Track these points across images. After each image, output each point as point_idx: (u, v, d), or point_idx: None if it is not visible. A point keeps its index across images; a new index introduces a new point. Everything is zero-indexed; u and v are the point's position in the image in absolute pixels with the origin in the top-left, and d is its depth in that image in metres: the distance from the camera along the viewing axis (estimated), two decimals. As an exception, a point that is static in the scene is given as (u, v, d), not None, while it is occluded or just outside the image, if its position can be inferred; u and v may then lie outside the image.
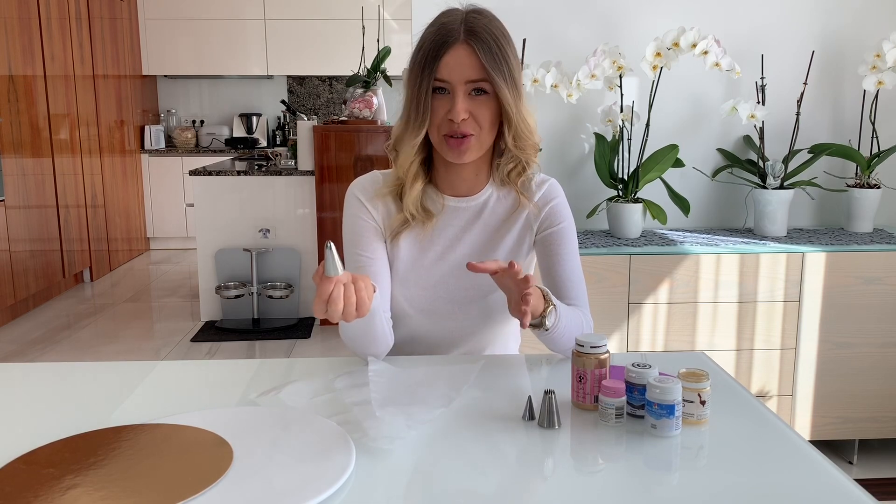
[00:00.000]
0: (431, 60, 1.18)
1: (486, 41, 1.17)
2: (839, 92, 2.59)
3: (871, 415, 2.37)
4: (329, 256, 0.97)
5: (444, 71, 1.18)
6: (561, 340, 1.21)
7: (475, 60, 1.17)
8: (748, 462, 0.91)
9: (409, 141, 1.23)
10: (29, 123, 4.31)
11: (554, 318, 1.17)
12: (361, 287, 1.01)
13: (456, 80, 1.18)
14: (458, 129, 1.19)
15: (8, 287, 4.04)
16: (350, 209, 1.32)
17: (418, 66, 1.20)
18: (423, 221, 1.29)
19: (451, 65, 1.17)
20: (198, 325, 4.05)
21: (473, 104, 1.19)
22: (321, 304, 0.98)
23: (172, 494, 0.81)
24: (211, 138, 6.36)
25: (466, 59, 1.17)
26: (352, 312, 1.00)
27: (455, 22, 1.19)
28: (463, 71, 1.18)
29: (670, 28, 2.27)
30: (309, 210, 4.04)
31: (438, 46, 1.18)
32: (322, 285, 0.98)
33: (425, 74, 1.19)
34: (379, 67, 3.81)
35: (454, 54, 1.17)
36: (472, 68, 1.17)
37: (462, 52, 1.17)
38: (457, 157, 1.23)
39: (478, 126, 1.21)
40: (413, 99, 1.21)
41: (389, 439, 0.94)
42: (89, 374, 1.26)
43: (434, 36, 1.19)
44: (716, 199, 2.64)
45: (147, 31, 5.99)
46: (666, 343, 2.30)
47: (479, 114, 1.20)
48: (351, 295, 0.99)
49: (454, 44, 1.17)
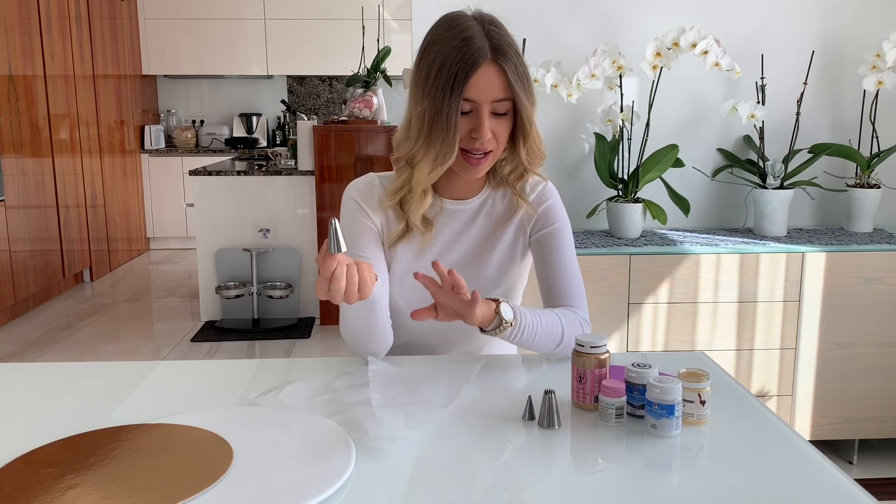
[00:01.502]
0: (461, 81, 1.15)
1: (512, 60, 1.17)
2: (839, 92, 2.59)
3: (871, 415, 2.37)
4: (333, 233, 0.97)
5: (472, 91, 1.16)
6: (536, 342, 1.21)
7: (503, 80, 1.16)
8: (748, 462, 0.91)
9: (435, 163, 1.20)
10: (29, 123, 4.31)
11: (511, 311, 1.17)
12: (364, 268, 1.02)
13: (483, 100, 1.17)
14: (480, 146, 1.19)
15: (8, 287, 4.04)
16: (347, 211, 1.31)
17: (445, 85, 1.15)
18: (423, 233, 1.29)
19: (480, 85, 1.16)
20: (198, 325, 4.05)
21: (494, 122, 1.19)
22: (324, 282, 0.99)
23: (172, 494, 0.81)
24: (211, 138, 6.36)
25: (495, 80, 1.16)
26: (354, 293, 1.00)
27: (478, 38, 1.16)
28: (491, 91, 1.17)
29: (670, 28, 2.27)
30: (309, 210, 4.04)
31: (468, 66, 1.14)
32: (325, 263, 0.98)
33: (455, 95, 1.15)
34: (379, 67, 3.81)
35: (483, 74, 1.15)
36: (500, 88, 1.17)
37: (491, 71, 1.16)
38: (474, 174, 1.23)
39: (496, 142, 1.21)
40: (437, 118, 1.17)
41: (389, 439, 0.94)
42: (89, 374, 1.26)
43: (460, 53, 1.15)
44: (716, 199, 2.64)
45: (147, 31, 5.99)
46: (666, 343, 2.30)
47: (498, 131, 1.20)
48: (353, 274, 1.00)
49: (483, 63, 1.15)
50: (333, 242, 0.97)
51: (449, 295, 1.12)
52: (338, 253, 0.98)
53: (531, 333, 1.19)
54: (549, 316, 1.23)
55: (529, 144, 1.24)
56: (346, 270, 0.99)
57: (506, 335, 1.18)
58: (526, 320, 1.18)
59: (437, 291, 1.13)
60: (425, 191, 1.25)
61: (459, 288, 1.10)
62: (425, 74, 1.18)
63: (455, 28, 1.18)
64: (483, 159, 1.21)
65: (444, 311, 1.15)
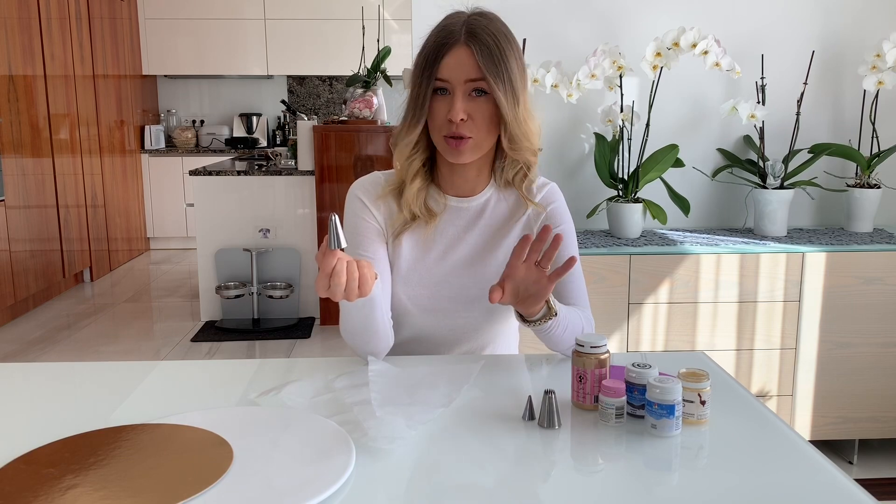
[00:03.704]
0: (433, 61, 1.20)
1: (486, 43, 1.19)
2: (839, 92, 2.59)
3: (871, 415, 2.37)
4: (332, 228, 0.97)
5: (444, 71, 1.19)
6: (564, 336, 1.22)
7: (473, 61, 1.19)
8: (748, 462, 0.91)
9: (405, 138, 1.25)
10: (29, 123, 4.31)
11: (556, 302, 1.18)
12: (364, 265, 1.02)
13: (455, 80, 1.19)
14: (456, 130, 1.20)
15: (8, 287, 4.04)
16: (351, 209, 1.32)
17: (420, 66, 1.22)
18: (426, 221, 1.29)
19: (451, 65, 1.19)
20: (198, 325, 4.05)
21: (473, 105, 1.20)
22: (324, 278, 0.99)
23: (172, 494, 0.81)
24: (211, 138, 6.36)
25: (466, 60, 1.19)
26: (354, 289, 1.00)
27: (457, 24, 1.21)
28: (462, 71, 1.19)
29: (670, 28, 2.27)
30: (309, 210, 4.04)
31: (440, 47, 1.20)
32: (325, 259, 0.99)
33: (426, 74, 1.21)
34: (379, 67, 3.81)
35: (454, 55, 1.19)
36: (471, 68, 1.19)
37: (462, 52, 1.19)
38: (456, 158, 1.24)
39: (475, 127, 1.21)
40: (413, 100, 1.23)
41: (389, 439, 0.94)
42: (89, 374, 1.26)
43: (436, 37, 1.21)
44: (716, 199, 2.63)
45: (147, 31, 5.99)
46: (666, 343, 2.30)
47: (477, 115, 1.20)
48: (354, 271, 1.00)
49: (455, 45, 1.19)
50: (333, 237, 0.97)
51: (531, 271, 1.12)
52: (337, 248, 0.98)
53: (564, 327, 1.20)
54: (575, 312, 1.25)
55: (510, 133, 1.22)
56: (346, 267, 0.99)
57: (546, 326, 1.18)
58: (562, 312, 1.20)
59: (515, 270, 1.12)
60: (415, 174, 1.28)
61: (547, 261, 1.10)
62: (413, 63, 1.25)
63: (445, 19, 1.24)
64: (462, 143, 1.21)
65: (512, 292, 1.14)
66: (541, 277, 1.11)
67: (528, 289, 1.13)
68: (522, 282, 1.13)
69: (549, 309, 1.16)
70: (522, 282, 1.13)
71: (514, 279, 1.13)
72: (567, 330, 1.21)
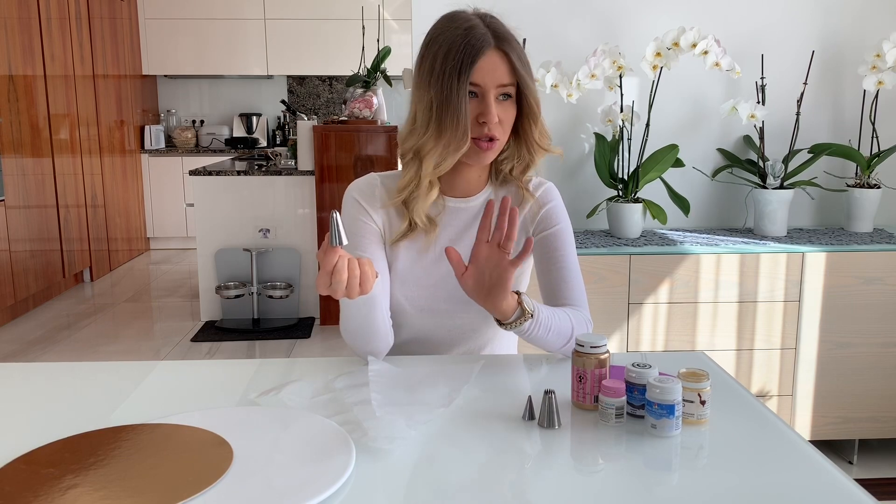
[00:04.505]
0: (467, 66, 1.17)
1: (515, 46, 1.21)
2: (839, 92, 2.59)
3: (871, 415, 2.37)
4: (334, 225, 0.97)
5: (478, 76, 1.18)
6: (549, 338, 1.21)
7: (508, 66, 1.19)
8: (748, 462, 0.91)
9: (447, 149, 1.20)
10: (29, 123, 4.31)
11: (531, 303, 1.17)
12: (365, 263, 1.02)
13: (489, 85, 1.19)
14: (488, 132, 1.20)
15: (8, 287, 4.04)
16: (349, 210, 1.32)
17: (451, 71, 1.17)
18: (427, 232, 1.29)
19: (486, 70, 1.18)
20: (198, 325, 4.05)
21: (500, 108, 1.21)
22: (325, 276, 0.99)
23: (172, 494, 0.81)
24: (211, 138, 6.36)
25: (500, 65, 1.19)
26: (355, 286, 1.01)
27: (480, 27, 1.19)
28: (496, 76, 1.19)
29: (670, 28, 2.27)
30: (309, 210, 4.04)
31: (474, 52, 1.17)
32: (327, 257, 0.99)
33: (462, 80, 1.17)
34: (379, 67, 3.81)
35: (488, 59, 1.18)
36: (505, 73, 1.20)
37: (495, 57, 1.19)
38: (483, 160, 1.24)
39: (503, 131, 1.23)
40: (444, 105, 1.18)
41: (389, 439, 0.94)
42: (89, 374, 1.26)
43: (465, 40, 1.17)
44: (716, 199, 2.64)
45: (147, 31, 5.99)
46: (666, 343, 2.30)
47: (504, 118, 1.22)
48: (355, 268, 1.00)
49: (487, 49, 1.18)
50: (335, 235, 0.98)
51: (493, 252, 1.12)
52: (339, 245, 0.98)
53: (546, 328, 1.19)
54: (560, 313, 1.23)
55: (540, 128, 1.27)
56: (346, 264, 0.99)
57: (524, 328, 1.17)
58: (543, 314, 1.19)
59: (478, 248, 1.13)
60: (431, 183, 1.26)
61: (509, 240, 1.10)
62: (430, 65, 1.20)
63: (457, 21, 1.22)
64: (492, 144, 1.22)
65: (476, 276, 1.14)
66: (502, 261, 1.11)
67: (491, 274, 1.13)
68: (486, 264, 1.13)
69: (522, 310, 1.16)
70: (486, 264, 1.13)
71: (477, 261, 1.14)
72: (551, 331, 1.20)
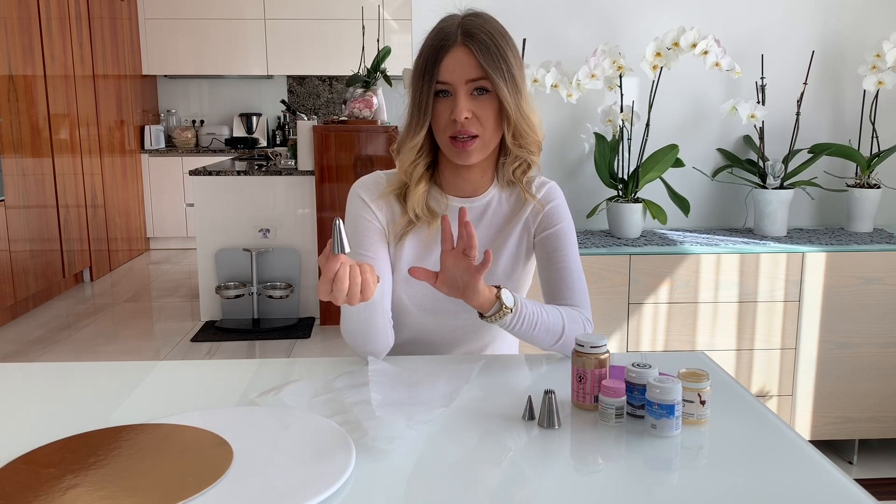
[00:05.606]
0: (432, 65, 1.20)
1: (483, 41, 1.20)
2: (839, 92, 2.59)
3: (871, 415, 2.37)
4: (336, 233, 0.98)
5: (444, 73, 1.20)
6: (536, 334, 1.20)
7: (473, 60, 1.19)
8: (748, 462, 0.91)
9: (409, 142, 1.26)
10: (29, 123, 4.31)
11: (512, 298, 1.17)
12: (366, 270, 1.03)
13: (457, 81, 1.20)
14: (462, 129, 1.20)
15: (8, 287, 4.04)
16: (353, 209, 1.32)
17: (419, 70, 1.23)
18: (429, 222, 1.29)
19: (451, 66, 1.20)
20: (198, 325, 4.05)
21: (476, 104, 1.21)
22: (327, 283, 0.99)
23: (172, 494, 0.81)
24: (211, 138, 6.36)
25: (465, 60, 1.20)
26: (356, 294, 1.01)
27: (452, 26, 1.22)
28: (462, 71, 1.20)
29: (670, 28, 2.27)
30: (309, 210, 4.04)
31: (437, 50, 1.21)
32: (328, 264, 0.99)
33: (426, 78, 1.21)
34: (379, 67, 3.81)
35: (453, 56, 1.20)
36: (472, 68, 1.20)
37: (460, 53, 1.20)
38: (464, 159, 1.24)
39: (481, 126, 1.22)
40: (416, 105, 1.24)
41: (389, 439, 0.94)
42: (89, 374, 1.26)
43: (433, 41, 1.22)
44: (716, 199, 2.63)
45: (147, 31, 5.99)
46: (666, 343, 2.30)
47: (481, 113, 1.21)
48: (356, 276, 1.01)
49: (452, 46, 1.20)
50: (337, 243, 0.98)
51: (458, 259, 1.12)
52: (341, 253, 0.98)
53: (531, 324, 1.19)
54: (551, 309, 1.23)
55: (514, 127, 1.24)
56: (348, 272, 0.99)
57: (505, 322, 1.18)
58: (527, 309, 1.19)
59: (445, 257, 1.13)
60: (420, 177, 1.28)
61: (471, 248, 1.09)
62: (413, 69, 1.25)
63: (440, 23, 1.24)
64: (469, 143, 1.22)
65: (448, 282, 1.15)
66: (469, 266, 1.12)
67: (461, 277, 1.13)
68: (454, 270, 1.14)
69: (501, 306, 1.16)
70: (454, 270, 1.14)
71: (446, 269, 1.14)
72: (538, 328, 1.20)
